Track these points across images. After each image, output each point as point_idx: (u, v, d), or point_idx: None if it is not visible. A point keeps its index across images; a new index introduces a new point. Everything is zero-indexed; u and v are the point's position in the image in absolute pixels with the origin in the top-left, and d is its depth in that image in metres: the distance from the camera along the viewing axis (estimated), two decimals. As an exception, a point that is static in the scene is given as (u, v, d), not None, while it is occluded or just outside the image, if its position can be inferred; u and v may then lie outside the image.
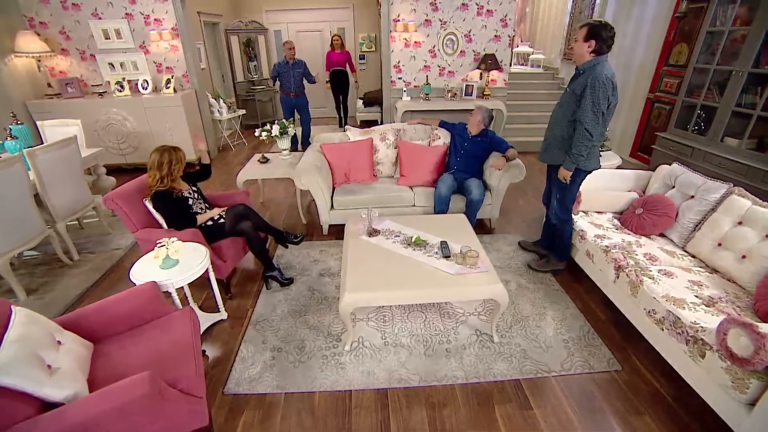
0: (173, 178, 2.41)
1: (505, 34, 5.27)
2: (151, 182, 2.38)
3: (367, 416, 1.86)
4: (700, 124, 3.51)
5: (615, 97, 2.30)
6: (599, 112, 2.26)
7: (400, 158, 3.54)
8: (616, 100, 2.33)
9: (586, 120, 2.29)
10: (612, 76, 2.26)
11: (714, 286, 2.08)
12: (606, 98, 2.24)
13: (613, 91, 2.27)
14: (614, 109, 2.36)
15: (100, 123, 4.95)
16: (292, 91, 5.42)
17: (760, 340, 1.42)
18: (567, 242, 2.80)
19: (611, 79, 2.24)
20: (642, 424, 1.80)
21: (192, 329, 1.77)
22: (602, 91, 2.22)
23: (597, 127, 2.30)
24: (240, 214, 2.61)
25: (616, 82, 2.27)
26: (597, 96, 2.23)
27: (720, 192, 2.38)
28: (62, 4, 4.83)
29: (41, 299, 2.71)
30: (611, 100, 2.28)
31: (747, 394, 1.51)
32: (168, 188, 2.39)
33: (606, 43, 2.24)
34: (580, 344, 2.25)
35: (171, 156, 2.37)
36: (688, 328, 1.79)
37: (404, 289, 2.08)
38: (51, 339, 1.51)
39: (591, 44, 2.25)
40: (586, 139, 2.33)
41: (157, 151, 2.38)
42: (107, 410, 1.29)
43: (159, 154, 2.36)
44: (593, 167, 2.53)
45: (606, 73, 2.23)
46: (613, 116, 2.44)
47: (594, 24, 2.24)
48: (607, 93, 2.23)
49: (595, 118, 2.27)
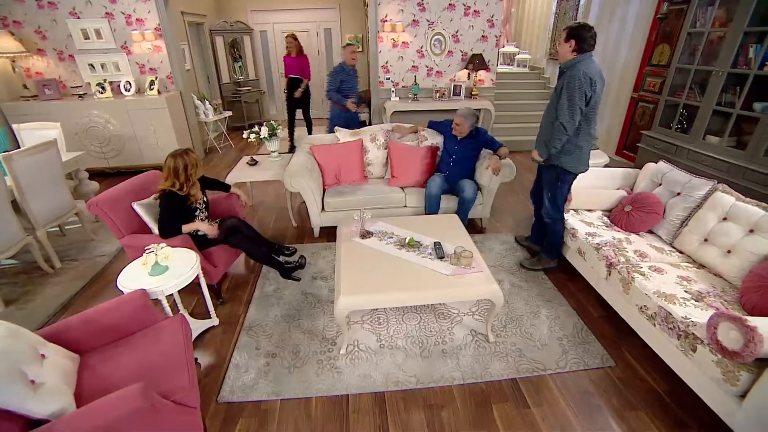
0: (192, 183, 2.34)
1: (492, 34, 5.31)
2: (167, 186, 2.30)
3: (365, 421, 1.84)
4: (683, 123, 3.60)
5: (597, 94, 2.33)
6: (575, 107, 2.31)
7: (390, 159, 3.53)
8: (599, 97, 2.35)
9: (561, 114, 2.36)
10: (594, 73, 2.29)
11: (702, 281, 2.13)
12: (583, 94, 2.29)
13: (591, 87, 2.29)
14: (597, 107, 2.39)
15: (80, 126, 4.79)
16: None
17: (749, 332, 1.45)
18: (558, 240, 2.82)
19: (590, 75, 2.27)
20: (637, 419, 1.83)
21: (184, 338, 1.72)
22: (578, 87, 2.27)
23: (571, 122, 2.35)
24: (231, 227, 2.57)
25: (596, 79, 2.29)
26: (573, 91, 2.29)
27: (705, 189, 2.44)
28: (37, 2, 4.67)
29: (22, 309, 2.61)
30: (590, 95, 2.30)
31: (738, 387, 1.55)
32: (185, 193, 2.33)
33: (586, 42, 2.31)
34: (575, 341, 2.28)
35: (185, 160, 2.30)
36: (680, 323, 1.82)
37: (399, 291, 2.07)
38: (34, 352, 1.44)
39: (571, 44, 2.34)
40: (561, 133, 2.39)
41: (171, 156, 2.31)
42: (98, 426, 1.23)
43: (173, 160, 2.29)
44: (581, 170, 2.58)
45: (585, 70, 2.28)
46: (597, 114, 2.46)
47: (573, 26, 2.35)
48: (583, 88, 2.27)
49: (570, 113, 2.33)
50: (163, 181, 2.33)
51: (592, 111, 2.39)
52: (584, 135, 2.46)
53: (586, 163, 2.58)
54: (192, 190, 2.38)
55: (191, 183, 2.34)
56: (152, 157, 4.99)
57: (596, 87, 2.31)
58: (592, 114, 2.41)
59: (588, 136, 2.47)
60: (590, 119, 2.42)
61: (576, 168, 2.55)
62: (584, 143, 2.48)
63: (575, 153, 2.50)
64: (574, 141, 2.46)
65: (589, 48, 2.33)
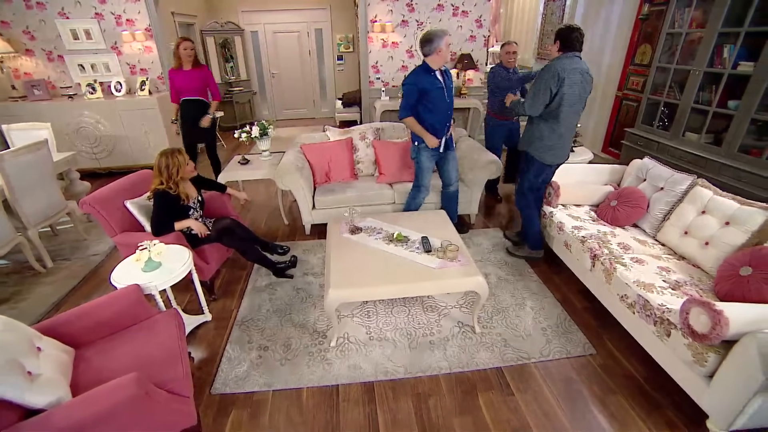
0: (175, 182, 2.38)
1: (480, 34, 5.40)
2: (156, 185, 2.36)
3: (354, 409, 1.90)
4: (664, 120, 3.70)
5: (565, 91, 2.43)
6: (538, 96, 2.48)
7: (377, 157, 3.59)
8: (572, 96, 2.47)
9: (526, 97, 2.59)
10: (568, 70, 2.40)
11: (680, 271, 2.21)
12: (548, 87, 2.43)
13: (557, 83, 2.41)
14: (572, 106, 2.51)
15: (71, 126, 4.78)
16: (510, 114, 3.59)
17: (716, 316, 1.54)
18: (534, 229, 2.92)
19: (559, 71, 2.40)
20: (616, 403, 1.91)
21: (177, 331, 1.76)
22: (545, 79, 2.44)
23: (532, 107, 2.54)
24: (225, 228, 2.61)
25: (566, 77, 2.39)
26: (539, 82, 2.47)
27: (686, 183, 2.52)
28: (25, 2, 4.65)
29: (14, 308, 2.62)
30: (554, 90, 2.43)
31: (706, 367, 1.63)
32: (176, 192, 2.37)
33: (569, 42, 2.44)
34: (558, 331, 2.36)
35: (168, 160, 2.35)
36: (656, 310, 1.90)
37: (387, 284, 2.13)
38: (30, 345, 1.48)
39: (557, 45, 2.51)
40: (521, 107, 2.64)
41: (159, 154, 2.37)
42: (94, 413, 1.28)
43: (159, 158, 2.36)
44: (550, 161, 2.72)
45: (558, 66, 2.41)
46: (573, 113, 2.56)
47: (558, 29, 2.52)
48: (549, 82, 2.42)
49: (532, 99, 2.52)
50: (154, 179, 2.37)
51: (560, 108, 2.50)
52: (549, 133, 2.61)
53: (555, 156, 2.71)
54: (185, 189, 2.42)
55: (173, 181, 2.37)
56: (144, 158, 4.99)
57: (564, 83, 2.41)
58: (563, 112, 2.52)
59: (554, 134, 2.60)
60: (557, 117, 2.54)
61: (544, 158, 2.69)
62: (552, 142, 2.63)
63: (543, 145, 2.66)
64: (543, 137, 2.63)
65: (572, 47, 2.45)
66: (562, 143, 2.68)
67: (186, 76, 3.78)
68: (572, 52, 2.46)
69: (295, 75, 7.98)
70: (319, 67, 8.04)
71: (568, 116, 2.57)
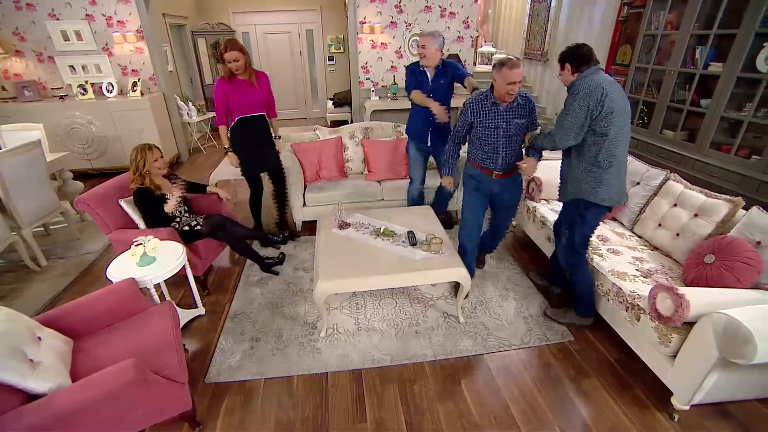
0: (142, 174, 2.45)
1: (467, 35, 5.52)
2: (131, 177, 2.48)
3: (343, 395, 1.99)
4: (644, 119, 3.85)
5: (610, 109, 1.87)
6: (573, 120, 1.94)
7: (366, 155, 3.68)
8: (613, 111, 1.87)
9: (556, 124, 2.06)
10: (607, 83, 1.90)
11: (653, 261, 2.34)
12: (585, 106, 1.89)
13: (600, 98, 1.86)
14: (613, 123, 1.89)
15: (62, 127, 4.81)
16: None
17: (678, 299, 1.66)
18: (585, 293, 2.29)
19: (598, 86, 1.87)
20: (590, 385, 2.03)
21: (172, 321, 1.84)
22: (578, 98, 1.91)
23: (565, 138, 2.00)
24: (216, 224, 2.68)
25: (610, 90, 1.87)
26: (571, 103, 1.95)
27: (660, 178, 2.64)
28: (15, 3, 4.67)
29: (10, 305, 2.62)
30: (594, 106, 1.88)
31: (670, 347, 1.76)
32: (147, 186, 2.45)
33: (582, 58, 1.98)
34: (539, 320, 2.47)
35: (136, 154, 2.44)
36: (628, 297, 2.02)
37: (374, 275, 2.22)
38: (31, 335, 1.55)
39: (568, 68, 2.02)
40: (549, 140, 2.10)
41: (133, 149, 2.47)
42: (94, 396, 1.36)
43: (132, 152, 2.46)
44: (610, 203, 2.07)
45: (591, 80, 1.92)
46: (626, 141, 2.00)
47: (561, 53, 2.06)
48: (587, 101, 1.88)
49: (562, 126, 1.98)
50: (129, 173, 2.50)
51: (607, 127, 1.90)
52: (606, 166, 1.98)
53: (613, 193, 2.06)
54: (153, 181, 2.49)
55: (140, 173, 2.44)
56: (136, 158, 5.03)
57: (607, 99, 1.86)
58: (612, 137, 1.92)
59: (611, 168, 1.98)
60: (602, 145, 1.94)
61: (604, 200, 2.05)
62: (610, 176, 2.00)
63: (600, 185, 2.03)
64: (596, 174, 2.01)
65: (586, 63, 1.97)
66: (621, 180, 2.09)
67: (243, 88, 2.92)
68: (594, 66, 1.97)
69: (286, 76, 8.04)
70: (311, 67, 8.10)
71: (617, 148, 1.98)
